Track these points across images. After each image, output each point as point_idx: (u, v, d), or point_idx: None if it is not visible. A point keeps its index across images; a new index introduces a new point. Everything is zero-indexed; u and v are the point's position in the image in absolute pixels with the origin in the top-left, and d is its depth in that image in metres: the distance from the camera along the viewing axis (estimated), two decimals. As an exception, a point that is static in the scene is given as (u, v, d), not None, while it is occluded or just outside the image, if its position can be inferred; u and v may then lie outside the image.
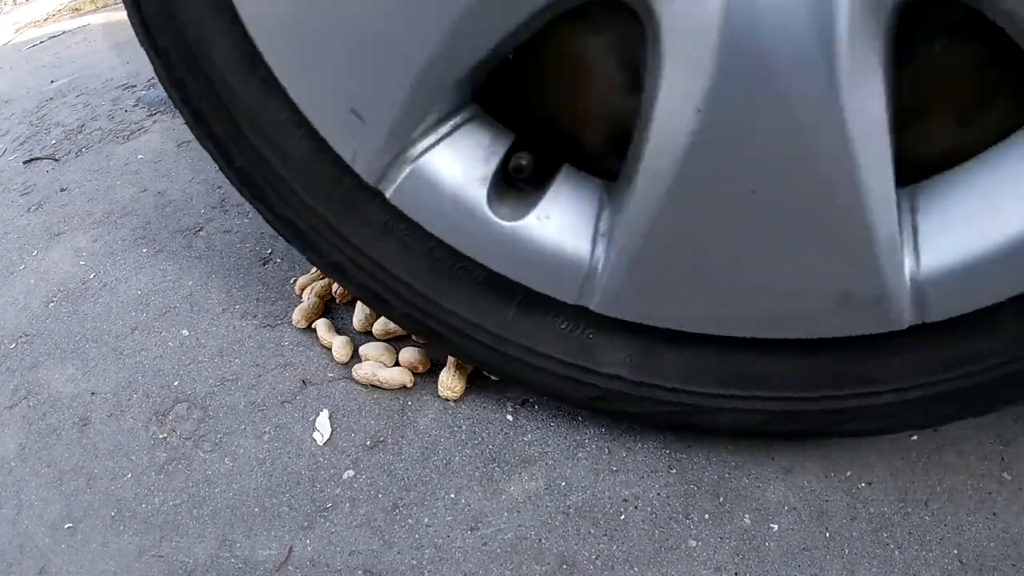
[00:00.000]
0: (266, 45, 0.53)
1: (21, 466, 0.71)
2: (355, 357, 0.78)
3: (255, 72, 0.55)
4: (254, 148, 0.59)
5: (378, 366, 0.75)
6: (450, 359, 0.76)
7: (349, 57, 0.49)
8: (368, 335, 0.81)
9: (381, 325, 0.79)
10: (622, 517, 0.65)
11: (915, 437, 0.72)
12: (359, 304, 0.82)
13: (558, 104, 0.53)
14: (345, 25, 0.48)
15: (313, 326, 0.82)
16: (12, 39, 2.12)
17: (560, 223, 0.54)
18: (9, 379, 0.79)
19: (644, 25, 0.46)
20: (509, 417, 0.73)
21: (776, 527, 0.65)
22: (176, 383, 0.77)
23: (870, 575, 0.62)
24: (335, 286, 0.86)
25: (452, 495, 0.67)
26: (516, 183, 0.55)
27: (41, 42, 2.00)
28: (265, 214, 0.64)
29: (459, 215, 0.55)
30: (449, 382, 0.73)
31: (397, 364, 0.76)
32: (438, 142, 0.53)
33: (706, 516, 0.65)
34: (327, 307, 0.86)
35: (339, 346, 0.78)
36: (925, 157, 0.50)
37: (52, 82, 1.60)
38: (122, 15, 1.59)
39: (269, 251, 0.95)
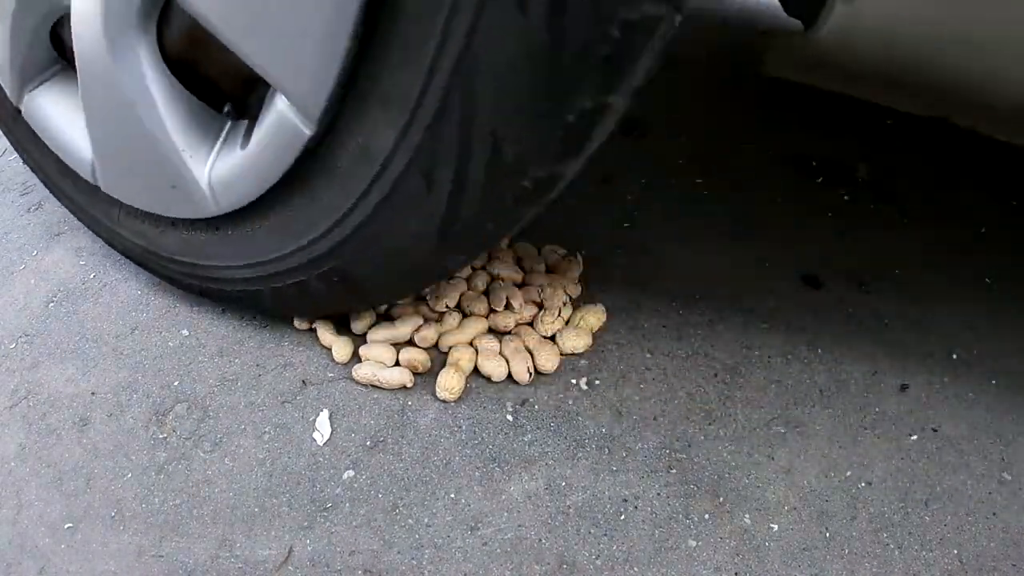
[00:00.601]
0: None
1: (21, 466, 0.71)
2: (355, 357, 0.78)
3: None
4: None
5: (378, 366, 0.75)
6: (449, 360, 0.76)
7: (150, 167, 0.71)
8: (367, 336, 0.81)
9: (381, 327, 0.79)
10: (622, 517, 0.65)
11: (915, 437, 0.72)
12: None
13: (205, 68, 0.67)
14: (141, 161, 0.71)
15: (313, 326, 0.82)
16: (12, 39, 2.12)
17: (271, 123, 0.64)
18: (9, 379, 0.79)
19: None
20: (509, 417, 0.73)
21: (776, 527, 0.65)
22: (176, 383, 0.77)
23: (870, 575, 0.62)
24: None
25: (452, 495, 0.67)
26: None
27: (41, 42, 2.00)
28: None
29: (244, 173, 0.67)
30: (447, 383, 0.73)
31: (397, 364, 0.76)
32: (217, 158, 0.69)
33: (706, 516, 0.65)
34: (327, 307, 0.86)
35: (339, 346, 0.78)
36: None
37: (52, 82, 1.60)
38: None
39: (269, 251, 0.95)
